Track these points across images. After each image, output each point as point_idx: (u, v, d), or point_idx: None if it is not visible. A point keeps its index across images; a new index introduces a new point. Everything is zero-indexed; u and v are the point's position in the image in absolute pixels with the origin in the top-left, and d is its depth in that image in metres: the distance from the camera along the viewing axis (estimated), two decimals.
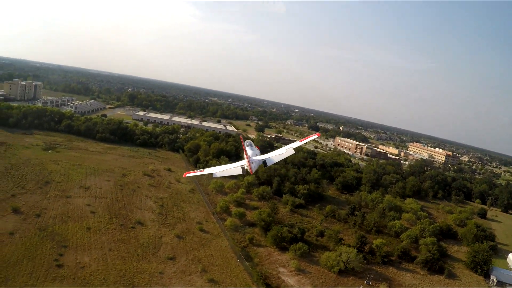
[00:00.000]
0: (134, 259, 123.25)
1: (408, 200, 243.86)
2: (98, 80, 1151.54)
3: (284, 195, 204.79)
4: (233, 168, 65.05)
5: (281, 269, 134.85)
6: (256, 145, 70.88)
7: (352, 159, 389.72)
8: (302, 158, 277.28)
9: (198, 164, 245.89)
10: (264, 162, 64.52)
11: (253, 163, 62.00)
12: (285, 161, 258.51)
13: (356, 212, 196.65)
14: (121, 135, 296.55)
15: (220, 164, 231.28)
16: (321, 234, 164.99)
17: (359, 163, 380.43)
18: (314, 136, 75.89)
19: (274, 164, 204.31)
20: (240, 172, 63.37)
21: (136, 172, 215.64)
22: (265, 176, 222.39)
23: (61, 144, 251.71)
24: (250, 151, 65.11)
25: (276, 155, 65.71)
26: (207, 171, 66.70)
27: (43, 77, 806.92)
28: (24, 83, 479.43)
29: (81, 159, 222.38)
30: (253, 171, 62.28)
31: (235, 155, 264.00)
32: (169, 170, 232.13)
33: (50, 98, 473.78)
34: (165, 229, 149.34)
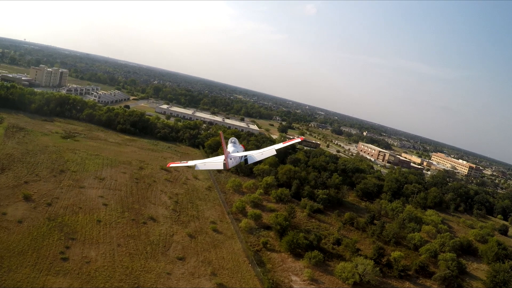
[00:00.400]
0: (142, 257, 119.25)
1: (429, 211, 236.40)
2: (125, 70, 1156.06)
3: (302, 199, 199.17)
4: (214, 163, 67.37)
5: (294, 278, 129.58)
6: (241, 143, 73.58)
7: (374, 166, 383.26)
8: (324, 161, 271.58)
9: None
10: (246, 160, 66.29)
11: (231, 159, 63.73)
12: (306, 163, 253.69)
13: (375, 221, 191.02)
14: (142, 127, 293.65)
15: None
16: (338, 242, 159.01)
17: (381, 170, 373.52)
18: (297, 140, 76.61)
19: (295, 166, 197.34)
20: (222, 167, 64.03)
21: (154, 165, 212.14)
22: (284, 178, 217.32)
23: (81, 133, 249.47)
24: (231, 147, 67.21)
25: (258, 154, 67.02)
26: (190, 163, 69.48)
27: (70, 64, 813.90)
28: (50, 69, 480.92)
29: (99, 149, 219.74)
30: (230, 166, 63.63)
31: None
32: (187, 166, 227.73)
33: (75, 86, 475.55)
34: (178, 226, 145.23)
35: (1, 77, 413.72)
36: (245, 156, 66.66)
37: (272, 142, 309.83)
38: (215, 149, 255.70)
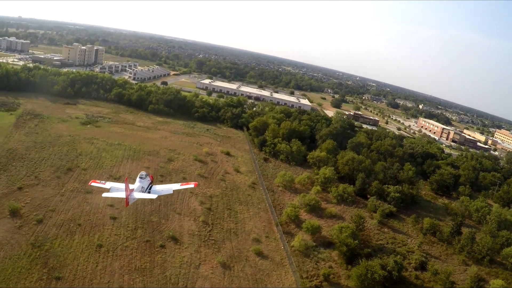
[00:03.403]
0: None
1: None
2: (170, 46, 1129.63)
3: (370, 198, 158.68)
4: (120, 193, 72.01)
5: None
6: (150, 174, 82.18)
7: (441, 147, 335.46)
8: (390, 145, 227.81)
9: (264, 147, 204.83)
10: (150, 189, 76.22)
11: (134, 199, 72.28)
12: (368, 148, 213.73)
13: (461, 229, 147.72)
14: (178, 106, 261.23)
15: (291, 148, 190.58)
16: (422, 266, 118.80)
17: (452, 153, 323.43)
18: (192, 185, 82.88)
19: (357, 152, 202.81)
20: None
21: (186, 155, 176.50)
22: (346, 170, 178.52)
23: (106, 117, 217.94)
24: (138, 183, 74.38)
25: (160, 188, 78.42)
26: (107, 185, 77.62)
27: (112, 42, 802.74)
28: (84, 47, 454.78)
29: (123, 137, 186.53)
30: (130, 203, 72.58)
31: (310, 138, 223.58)
32: (228, 154, 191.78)
33: (110, 63, 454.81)
34: (208, 250, 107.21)
35: (32, 58, 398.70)
36: (149, 187, 75.50)
37: (328, 120, 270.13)
38: (262, 132, 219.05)
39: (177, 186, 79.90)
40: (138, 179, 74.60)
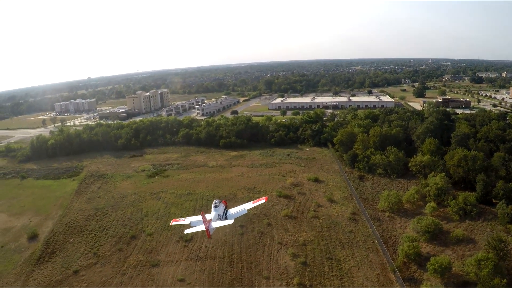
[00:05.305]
0: None
1: None
2: (235, 73, 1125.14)
3: (498, 204, 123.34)
4: (200, 226, 69.43)
5: None
6: (223, 200, 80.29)
7: None
8: (498, 128, 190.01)
9: (356, 163, 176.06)
10: (226, 215, 74.46)
11: (213, 228, 68.44)
12: (474, 137, 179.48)
13: None
14: (251, 135, 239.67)
15: (388, 158, 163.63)
16: None
17: None
18: (263, 200, 76.58)
19: (465, 146, 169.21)
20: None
21: (268, 192, 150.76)
22: (460, 172, 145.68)
23: (174, 163, 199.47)
24: (213, 212, 72.46)
25: (234, 212, 75.17)
26: (187, 220, 77.42)
27: (178, 82, 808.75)
28: (147, 94, 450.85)
29: (194, 183, 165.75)
30: (211, 233, 68.41)
31: (405, 140, 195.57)
32: (316, 180, 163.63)
33: (177, 103, 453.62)
34: None
35: (98, 115, 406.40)
36: (225, 214, 74.07)
37: (419, 115, 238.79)
38: (349, 145, 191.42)
39: (250, 205, 77.47)
40: (213, 208, 74.09)
